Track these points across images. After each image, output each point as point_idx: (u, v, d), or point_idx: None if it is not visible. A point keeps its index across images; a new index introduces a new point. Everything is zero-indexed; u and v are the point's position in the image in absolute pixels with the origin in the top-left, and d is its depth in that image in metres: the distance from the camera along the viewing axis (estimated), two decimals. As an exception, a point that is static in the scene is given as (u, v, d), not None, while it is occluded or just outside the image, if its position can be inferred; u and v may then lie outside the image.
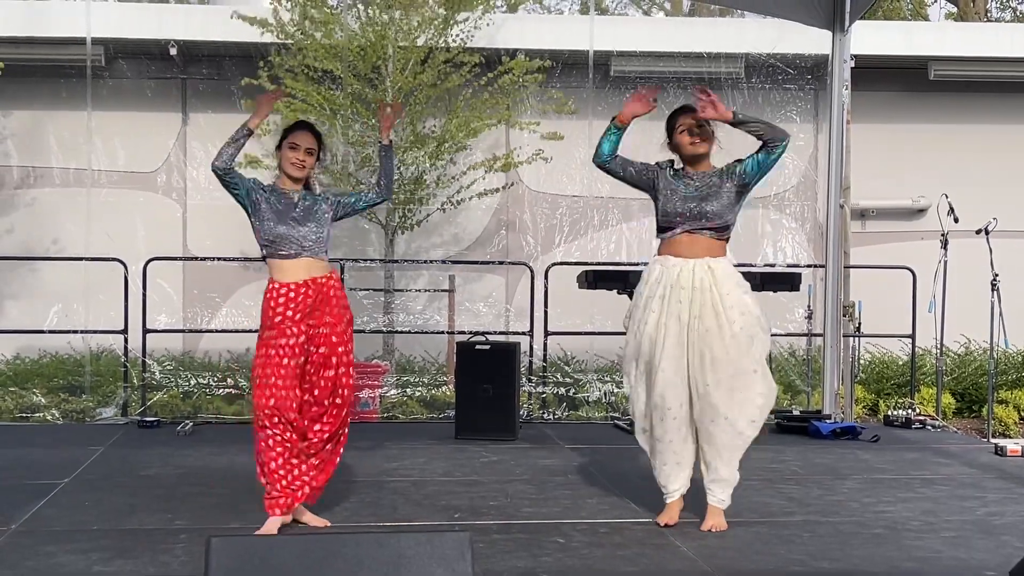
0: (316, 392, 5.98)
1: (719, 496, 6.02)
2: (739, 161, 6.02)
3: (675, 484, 6.07)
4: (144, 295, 10.05)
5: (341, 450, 6.21)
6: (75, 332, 11.01)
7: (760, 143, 5.96)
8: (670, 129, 6.10)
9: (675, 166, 6.13)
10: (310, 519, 6.04)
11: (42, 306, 11.68)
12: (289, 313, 5.90)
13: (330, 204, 6.18)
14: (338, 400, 6.04)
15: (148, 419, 9.67)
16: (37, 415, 10.08)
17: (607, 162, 6.09)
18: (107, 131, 12.66)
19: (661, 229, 6.10)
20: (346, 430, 6.18)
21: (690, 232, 6.00)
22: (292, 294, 5.93)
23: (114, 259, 10.27)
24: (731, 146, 6.12)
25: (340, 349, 6.02)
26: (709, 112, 5.85)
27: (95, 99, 12.27)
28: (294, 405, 5.85)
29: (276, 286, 5.97)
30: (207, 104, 13.01)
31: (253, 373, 5.98)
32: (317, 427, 6.01)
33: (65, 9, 13.32)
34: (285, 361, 5.86)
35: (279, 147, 6.25)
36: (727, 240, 6.13)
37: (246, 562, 3.33)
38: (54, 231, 12.48)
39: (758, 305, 6.00)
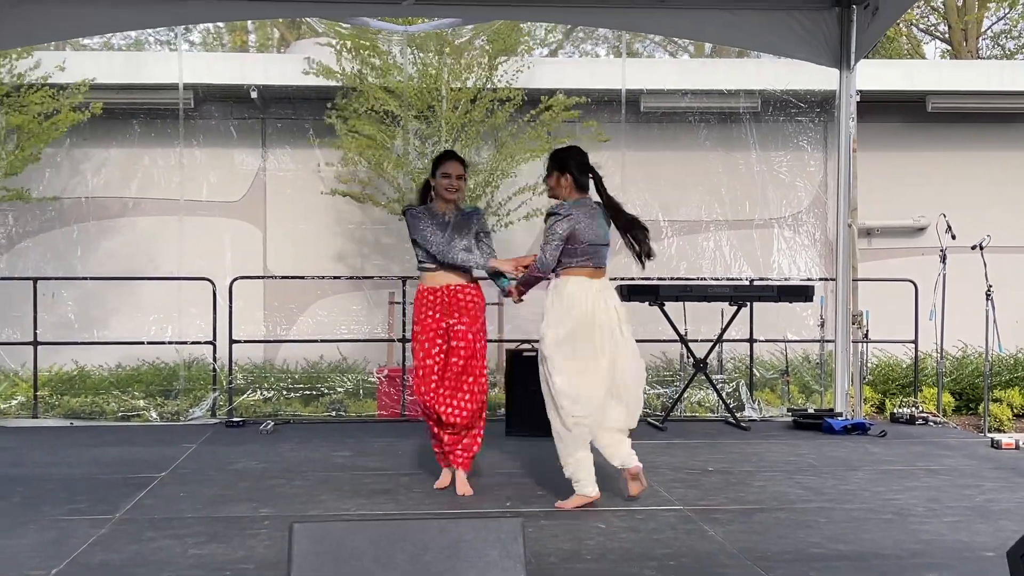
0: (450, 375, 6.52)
1: None
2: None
3: None
4: (230, 309, 10.11)
5: (478, 435, 6.75)
6: (170, 343, 11.09)
7: None
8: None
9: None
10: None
11: (141, 320, 11.77)
12: (430, 312, 6.52)
13: (476, 225, 6.70)
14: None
15: (234, 419, 9.72)
16: (137, 416, 10.15)
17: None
18: (196, 165, 12.78)
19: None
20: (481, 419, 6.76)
21: None
22: (432, 297, 6.55)
23: (203, 278, 10.36)
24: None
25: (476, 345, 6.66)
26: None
27: (186, 137, 12.41)
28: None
29: (422, 289, 6.62)
30: (284, 140, 13.10)
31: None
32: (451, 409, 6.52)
33: (160, 58, 13.50)
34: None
35: (433, 175, 6.62)
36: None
37: (325, 545, 3.34)
38: (151, 254, 12.58)
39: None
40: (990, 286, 9.88)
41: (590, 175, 6.39)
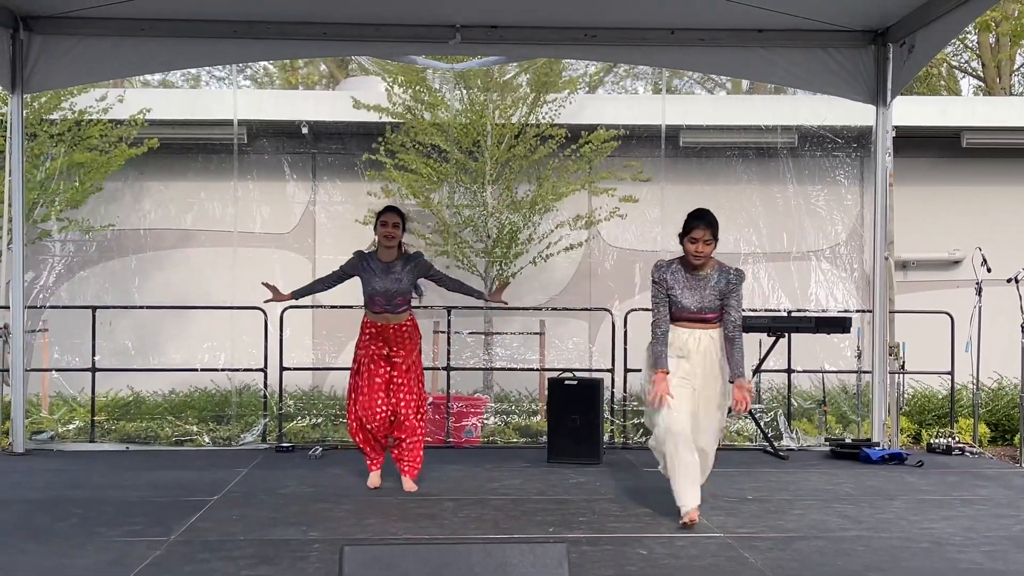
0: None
1: None
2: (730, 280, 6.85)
3: None
4: (281, 338, 10.16)
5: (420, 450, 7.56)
6: (222, 370, 11.14)
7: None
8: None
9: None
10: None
11: (194, 348, 11.85)
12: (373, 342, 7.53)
13: (412, 270, 7.50)
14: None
15: (284, 444, 9.75)
16: (191, 441, 10.20)
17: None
18: (250, 198, 12.90)
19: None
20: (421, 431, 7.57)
21: None
22: (374, 330, 7.56)
23: (255, 307, 10.41)
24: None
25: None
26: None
27: (240, 171, 12.52)
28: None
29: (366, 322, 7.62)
30: (334, 175, 13.22)
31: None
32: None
33: (215, 96, 13.65)
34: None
35: (375, 227, 7.53)
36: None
37: (374, 567, 3.34)
38: (204, 283, 12.67)
39: None
40: (1026, 318, 9.76)
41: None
